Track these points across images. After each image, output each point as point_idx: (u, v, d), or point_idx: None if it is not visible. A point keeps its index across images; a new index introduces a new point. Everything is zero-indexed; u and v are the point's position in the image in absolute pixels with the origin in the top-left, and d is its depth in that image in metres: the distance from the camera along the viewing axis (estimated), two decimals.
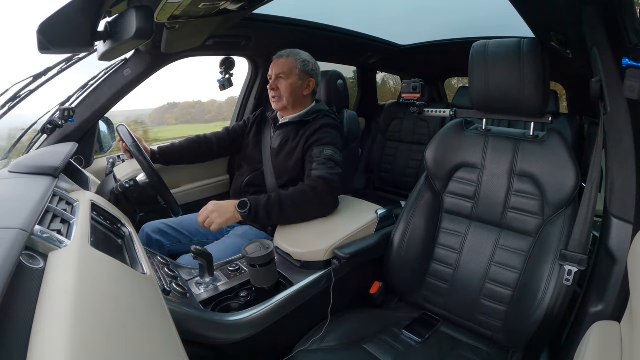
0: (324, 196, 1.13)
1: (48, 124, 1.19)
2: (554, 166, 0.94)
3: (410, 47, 2.34)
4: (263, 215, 1.07)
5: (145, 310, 0.50)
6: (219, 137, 1.48)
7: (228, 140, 1.48)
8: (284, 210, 1.08)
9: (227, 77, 1.69)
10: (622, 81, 0.67)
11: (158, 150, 1.35)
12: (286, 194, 1.10)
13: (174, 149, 1.40)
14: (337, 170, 1.19)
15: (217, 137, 1.47)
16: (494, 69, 0.97)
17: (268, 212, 1.07)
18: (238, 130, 1.48)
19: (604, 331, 0.65)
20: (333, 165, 1.19)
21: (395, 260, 1.10)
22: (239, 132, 1.48)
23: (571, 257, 0.84)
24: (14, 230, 0.44)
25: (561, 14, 0.88)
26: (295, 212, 1.11)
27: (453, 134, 1.11)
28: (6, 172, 0.77)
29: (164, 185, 1.01)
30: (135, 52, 1.37)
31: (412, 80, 1.25)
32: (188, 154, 1.43)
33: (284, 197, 1.09)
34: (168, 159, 1.38)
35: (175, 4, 0.78)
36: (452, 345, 0.98)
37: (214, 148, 1.46)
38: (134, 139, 1.05)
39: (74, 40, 0.69)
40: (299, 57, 1.31)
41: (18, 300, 0.38)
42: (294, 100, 1.30)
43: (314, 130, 1.25)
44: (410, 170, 2.37)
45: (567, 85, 2.14)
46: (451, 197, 1.10)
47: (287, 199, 1.09)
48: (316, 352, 0.90)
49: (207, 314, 0.85)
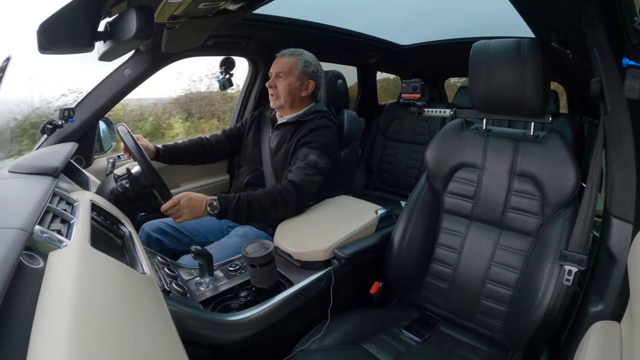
0: (290, 201, 1.16)
1: (48, 123, 1.19)
2: (554, 166, 0.94)
3: (410, 47, 2.34)
4: (232, 215, 1.10)
5: (145, 310, 0.50)
6: (217, 139, 1.48)
7: (226, 142, 1.48)
8: (251, 212, 1.12)
9: (227, 77, 1.69)
10: (622, 81, 0.67)
11: (163, 147, 1.35)
12: (255, 197, 1.13)
13: (178, 147, 1.41)
14: (315, 178, 1.20)
15: (216, 139, 1.48)
16: (494, 69, 0.97)
17: (236, 214, 1.10)
18: (235, 132, 1.49)
19: (603, 331, 0.65)
20: (313, 173, 1.20)
21: (395, 260, 1.10)
22: (236, 134, 1.48)
23: (571, 257, 0.84)
24: (14, 230, 0.44)
25: (561, 14, 0.88)
26: (261, 214, 1.14)
27: (453, 133, 1.11)
28: (6, 172, 0.77)
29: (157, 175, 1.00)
30: (135, 52, 1.37)
31: (412, 80, 1.24)
32: (191, 155, 1.43)
33: (252, 200, 1.12)
34: (172, 157, 1.38)
35: (176, 4, 0.78)
36: (452, 345, 0.98)
37: (213, 149, 1.47)
38: (134, 139, 1.05)
39: (74, 41, 0.69)
40: (301, 57, 1.30)
41: (18, 300, 0.38)
42: (291, 100, 1.30)
43: (307, 131, 1.26)
44: (410, 170, 2.37)
45: (567, 85, 2.14)
46: (451, 197, 1.10)
47: (254, 201, 1.12)
48: (316, 352, 0.90)
49: (207, 314, 0.85)
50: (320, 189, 1.24)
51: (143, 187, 1.00)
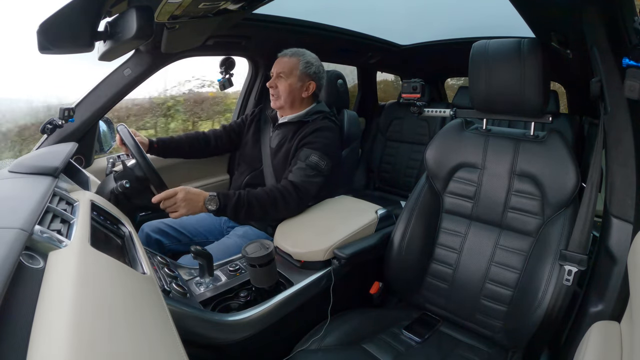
0: (290, 202, 1.15)
1: (48, 123, 1.19)
2: (554, 166, 0.94)
3: (410, 47, 2.33)
4: (231, 213, 1.08)
5: (145, 310, 0.50)
6: (216, 134, 1.47)
7: (225, 138, 1.47)
8: (250, 210, 1.10)
9: (227, 77, 1.70)
10: (622, 81, 0.67)
11: (157, 140, 1.34)
12: (255, 195, 1.12)
13: (173, 141, 1.39)
14: (316, 180, 1.20)
15: (215, 134, 1.47)
16: (494, 69, 0.96)
17: (236, 211, 1.08)
18: (235, 127, 1.48)
19: (603, 331, 0.65)
20: (313, 174, 1.19)
21: (395, 260, 1.10)
22: (236, 129, 1.48)
23: (571, 257, 0.84)
24: (14, 230, 0.44)
25: (561, 14, 0.88)
26: (261, 213, 1.13)
27: (453, 133, 1.11)
28: (6, 172, 0.77)
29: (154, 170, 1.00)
30: (135, 52, 1.37)
31: (412, 80, 1.24)
32: (186, 148, 1.42)
33: (252, 198, 1.11)
34: (166, 149, 1.37)
35: (176, 4, 0.78)
36: (452, 345, 0.98)
37: (210, 144, 1.46)
38: (134, 139, 1.05)
39: (74, 41, 0.69)
40: (303, 58, 1.30)
41: (18, 300, 0.38)
42: (291, 101, 1.30)
43: (310, 132, 1.25)
44: (411, 170, 2.37)
45: (567, 85, 2.14)
46: (451, 197, 1.10)
47: (255, 200, 1.11)
48: (316, 352, 0.90)
49: (207, 314, 0.85)
50: (320, 189, 1.24)
51: (138, 179, 0.98)
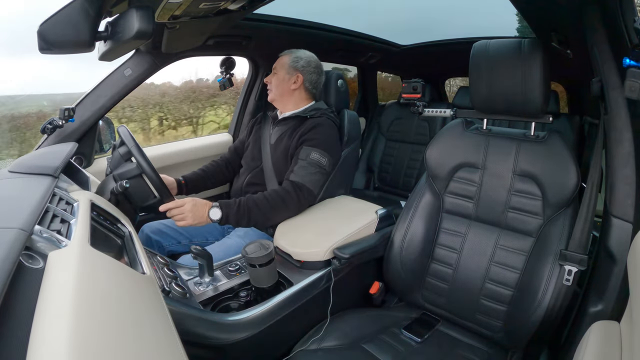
0: (290, 203, 1.17)
1: (48, 123, 1.19)
2: (554, 166, 0.94)
3: (410, 47, 2.33)
4: (233, 221, 1.11)
5: (144, 310, 0.50)
6: (227, 160, 1.50)
7: (236, 159, 1.49)
8: (252, 217, 1.12)
9: (228, 77, 1.69)
10: (622, 81, 0.67)
11: (183, 178, 1.36)
12: (255, 201, 1.13)
13: (199, 176, 1.41)
14: (318, 177, 1.21)
15: (226, 161, 1.49)
16: (495, 69, 0.96)
17: (238, 220, 1.11)
18: (240, 147, 1.50)
19: (603, 331, 0.65)
20: (315, 171, 1.20)
21: (395, 260, 1.10)
22: (241, 147, 1.50)
23: (571, 257, 0.84)
24: (14, 230, 0.44)
25: (561, 14, 0.88)
26: (262, 219, 1.15)
27: (454, 134, 1.11)
28: (6, 172, 0.77)
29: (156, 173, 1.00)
30: (135, 52, 1.37)
31: (412, 80, 1.24)
32: (211, 180, 1.45)
33: (252, 205, 1.12)
34: (195, 186, 1.39)
35: (176, 4, 0.78)
36: (452, 345, 0.98)
37: (229, 170, 1.49)
38: (134, 140, 1.05)
39: (74, 41, 0.69)
40: (294, 54, 1.35)
41: (18, 300, 0.38)
42: (281, 93, 1.33)
43: (308, 128, 1.26)
44: (411, 170, 2.37)
45: (567, 85, 2.14)
46: (451, 197, 1.10)
47: (255, 206, 1.12)
48: (316, 352, 0.90)
49: (206, 314, 0.85)
50: (322, 187, 1.24)
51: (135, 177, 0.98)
